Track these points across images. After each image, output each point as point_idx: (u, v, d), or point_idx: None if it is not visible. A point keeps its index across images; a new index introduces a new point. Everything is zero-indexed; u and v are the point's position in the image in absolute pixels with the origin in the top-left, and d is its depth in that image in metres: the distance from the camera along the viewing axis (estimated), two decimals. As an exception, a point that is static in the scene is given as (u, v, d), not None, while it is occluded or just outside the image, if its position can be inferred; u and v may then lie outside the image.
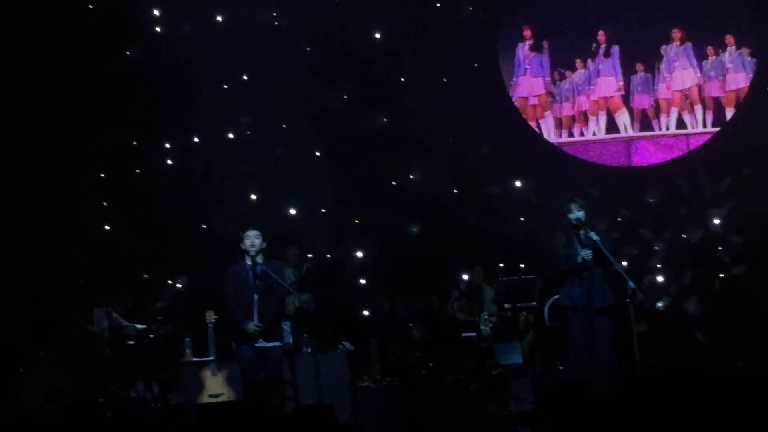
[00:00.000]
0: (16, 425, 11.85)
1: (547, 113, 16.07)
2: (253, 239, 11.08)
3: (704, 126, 15.59)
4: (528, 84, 16.17)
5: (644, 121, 15.77)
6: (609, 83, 15.85)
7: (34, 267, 14.50)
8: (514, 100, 16.15)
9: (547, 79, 16.06)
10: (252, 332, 10.93)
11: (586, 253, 11.33)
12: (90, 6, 15.54)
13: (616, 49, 15.79)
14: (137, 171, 15.95)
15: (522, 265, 15.11)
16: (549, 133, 16.03)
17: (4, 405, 12.48)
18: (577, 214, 11.51)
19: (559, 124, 16.03)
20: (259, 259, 11.12)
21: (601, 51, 15.84)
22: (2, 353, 13.08)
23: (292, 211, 15.94)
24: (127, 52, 15.80)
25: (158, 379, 12.77)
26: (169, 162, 16.07)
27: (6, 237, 14.50)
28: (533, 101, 16.16)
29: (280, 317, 11.47)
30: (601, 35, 15.82)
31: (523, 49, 16.14)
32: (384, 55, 15.95)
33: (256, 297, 11.04)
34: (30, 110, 14.92)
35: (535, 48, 16.07)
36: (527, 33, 16.08)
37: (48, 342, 13.25)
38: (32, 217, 14.74)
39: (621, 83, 15.77)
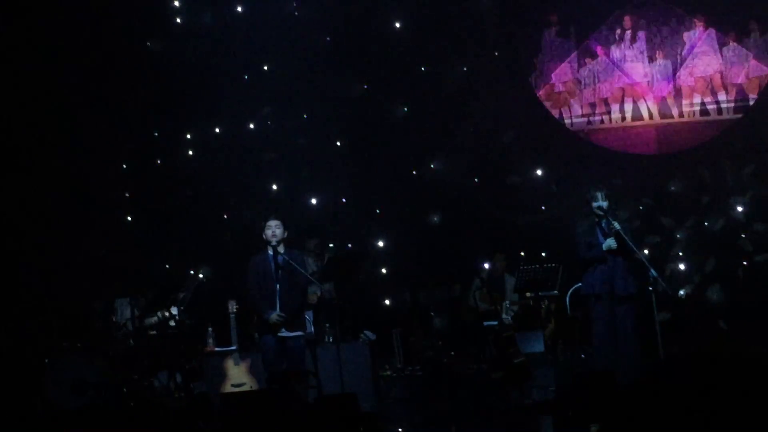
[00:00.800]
0: (42, 416, 11.98)
1: (574, 100, 16.03)
2: (274, 229, 11.08)
3: (727, 113, 15.52)
4: (556, 70, 16.13)
5: (664, 108, 15.71)
6: (636, 69, 15.81)
7: (57, 259, 14.56)
8: (541, 86, 16.10)
9: (575, 64, 16.02)
10: (274, 322, 10.95)
11: (611, 242, 11.29)
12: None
13: (642, 34, 15.74)
14: (159, 162, 16.00)
15: (543, 254, 15.11)
16: (575, 119, 15.98)
17: (31, 396, 12.56)
18: (602, 203, 11.47)
19: (584, 111, 16.00)
20: (281, 249, 11.13)
21: (627, 37, 15.79)
22: (27, 345, 13.15)
23: (314, 201, 15.97)
24: (148, 44, 15.84)
25: (181, 369, 12.81)
26: (191, 153, 16.12)
27: (29, 229, 14.57)
28: (560, 87, 16.12)
29: (302, 307, 11.48)
30: (627, 21, 15.77)
31: (550, 35, 16.10)
32: (405, 44, 15.94)
33: (278, 287, 11.04)
34: (51, 103, 14.97)
35: (563, 33, 16.03)
36: (553, 18, 16.04)
37: (72, 333, 13.31)
38: (55, 209, 14.80)
39: (648, 69, 15.72)
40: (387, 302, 15.73)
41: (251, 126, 16.17)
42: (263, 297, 11.06)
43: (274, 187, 16.04)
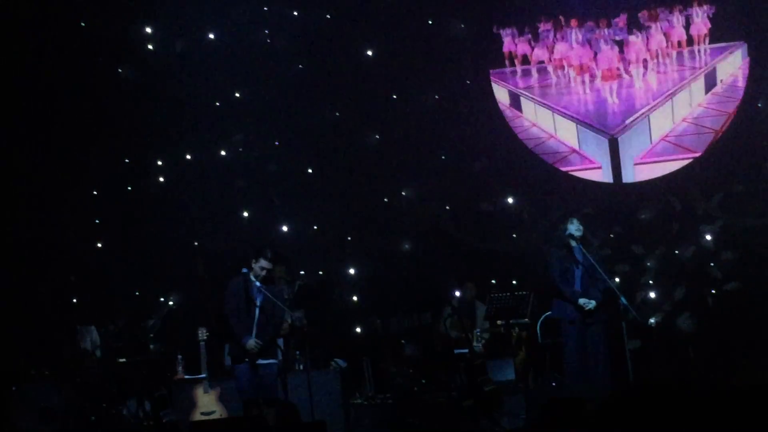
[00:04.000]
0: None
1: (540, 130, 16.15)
2: (268, 272, 11.06)
3: (698, 143, 15.62)
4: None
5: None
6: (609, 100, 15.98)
7: (26, 285, 14.46)
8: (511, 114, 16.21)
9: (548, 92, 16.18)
10: (251, 348, 10.92)
11: (591, 305, 11.36)
12: (82, 24, 15.55)
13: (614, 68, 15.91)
14: (129, 188, 15.94)
15: (514, 282, 15.13)
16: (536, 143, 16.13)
17: (-2, 425, 12.46)
18: (575, 232, 11.55)
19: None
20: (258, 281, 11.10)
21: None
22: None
23: (285, 229, 15.94)
24: (120, 70, 15.81)
25: (150, 397, 12.74)
26: (162, 179, 16.06)
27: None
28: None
29: (276, 336, 11.44)
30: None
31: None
32: (376, 72, 15.97)
33: (257, 315, 11.03)
34: (20, 127, 14.90)
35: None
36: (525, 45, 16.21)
37: (40, 360, 13.22)
38: (24, 235, 14.71)
39: (621, 104, 15.88)
40: (358, 330, 15.69)
41: (222, 153, 16.14)
42: (241, 322, 11.03)
43: (245, 214, 16.00)
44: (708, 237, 15.14)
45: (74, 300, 14.55)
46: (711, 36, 15.47)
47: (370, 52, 16.15)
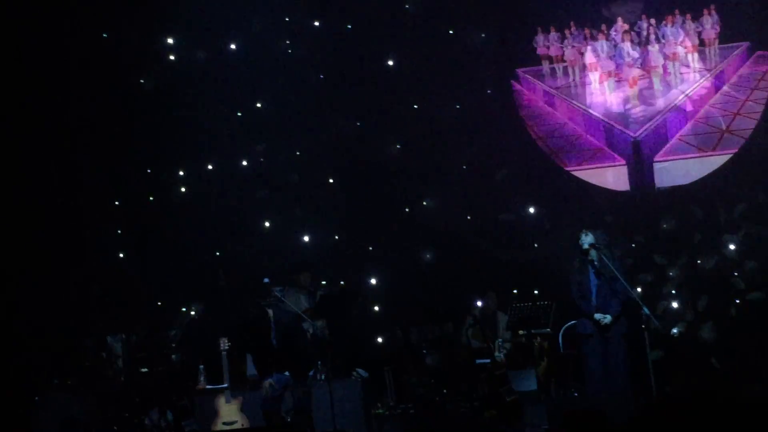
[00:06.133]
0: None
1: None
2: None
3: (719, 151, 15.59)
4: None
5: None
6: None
7: (48, 295, 14.51)
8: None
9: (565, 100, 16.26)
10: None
11: (607, 321, 11.37)
12: (104, 35, 15.63)
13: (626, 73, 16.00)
14: (151, 199, 15.99)
15: (536, 292, 15.09)
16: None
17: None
18: (591, 242, 11.54)
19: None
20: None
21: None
22: (17, 381, 13.09)
23: (306, 239, 15.95)
24: (141, 81, 15.88)
25: (172, 407, 12.76)
26: (183, 190, 16.11)
27: (21, 264, 14.54)
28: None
29: (291, 350, 11.44)
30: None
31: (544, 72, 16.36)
32: (397, 82, 15.98)
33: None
34: (43, 139, 14.97)
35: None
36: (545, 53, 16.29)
37: (63, 370, 13.26)
38: (47, 245, 14.76)
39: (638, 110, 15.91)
40: (379, 340, 15.68)
41: (244, 163, 16.19)
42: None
43: (267, 224, 16.02)
44: (731, 246, 15.07)
45: (96, 310, 14.59)
46: (719, 38, 15.65)
47: (391, 62, 16.17)
